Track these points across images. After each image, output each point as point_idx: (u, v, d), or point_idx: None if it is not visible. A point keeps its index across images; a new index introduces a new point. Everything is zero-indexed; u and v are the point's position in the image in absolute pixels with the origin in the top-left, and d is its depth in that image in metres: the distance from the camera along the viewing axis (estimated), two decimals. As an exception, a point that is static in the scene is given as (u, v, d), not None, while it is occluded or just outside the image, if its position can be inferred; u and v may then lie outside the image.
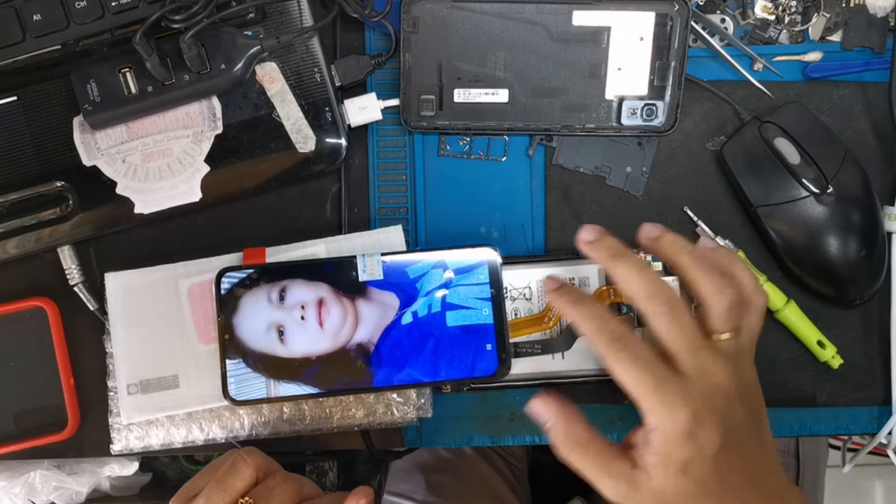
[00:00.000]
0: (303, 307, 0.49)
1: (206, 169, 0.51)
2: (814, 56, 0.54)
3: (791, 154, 0.51)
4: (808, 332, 0.53)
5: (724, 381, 0.41)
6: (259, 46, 0.50)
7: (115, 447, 0.51)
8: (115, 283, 0.51)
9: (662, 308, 0.41)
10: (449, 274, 0.50)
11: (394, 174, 0.54)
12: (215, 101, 0.51)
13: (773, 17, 0.54)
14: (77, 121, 0.51)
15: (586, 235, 0.44)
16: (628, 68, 0.52)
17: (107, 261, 0.53)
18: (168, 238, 0.53)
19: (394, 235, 0.52)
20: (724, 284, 0.42)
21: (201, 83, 0.50)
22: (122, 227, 0.52)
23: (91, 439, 0.53)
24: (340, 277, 0.49)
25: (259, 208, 0.53)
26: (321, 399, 0.51)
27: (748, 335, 0.44)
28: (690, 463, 0.39)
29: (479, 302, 0.50)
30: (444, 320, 0.49)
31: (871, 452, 0.57)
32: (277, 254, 0.51)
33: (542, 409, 0.42)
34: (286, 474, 0.44)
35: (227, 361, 0.49)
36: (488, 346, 0.49)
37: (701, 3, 0.54)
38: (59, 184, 0.51)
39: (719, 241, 0.53)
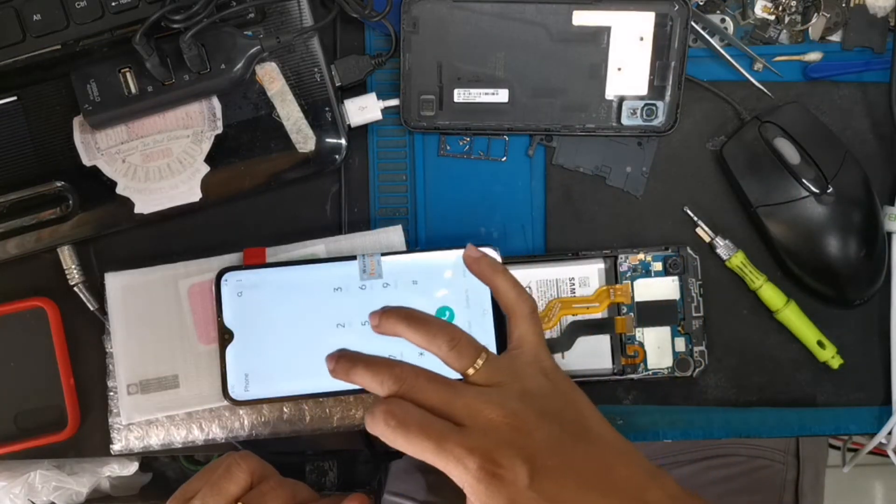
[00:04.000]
0: None
1: (206, 169, 0.51)
2: (814, 56, 0.54)
3: (791, 154, 0.51)
4: (808, 332, 0.53)
5: (496, 412, 0.39)
6: (259, 46, 0.50)
7: (115, 447, 0.51)
8: (115, 283, 0.51)
9: (395, 387, 0.40)
10: (449, 274, 0.50)
11: (394, 174, 0.54)
12: (215, 101, 0.51)
13: (773, 17, 0.54)
14: (77, 121, 0.51)
15: (328, 366, 0.43)
16: (628, 68, 0.52)
17: (107, 261, 0.53)
18: (168, 238, 0.53)
19: (394, 235, 0.52)
20: (432, 332, 0.42)
21: (201, 83, 0.50)
22: (122, 227, 0.52)
23: (91, 439, 0.53)
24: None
25: (259, 208, 0.53)
26: (321, 399, 0.51)
27: (524, 346, 0.44)
28: (514, 503, 0.38)
29: (479, 302, 0.50)
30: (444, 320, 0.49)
31: (871, 452, 0.57)
32: (277, 254, 0.51)
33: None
34: (281, 479, 0.44)
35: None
36: (488, 346, 0.49)
37: (701, 3, 0.54)
38: (59, 184, 0.51)
39: (719, 240, 0.53)
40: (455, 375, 0.42)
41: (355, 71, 0.53)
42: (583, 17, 0.52)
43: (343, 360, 0.42)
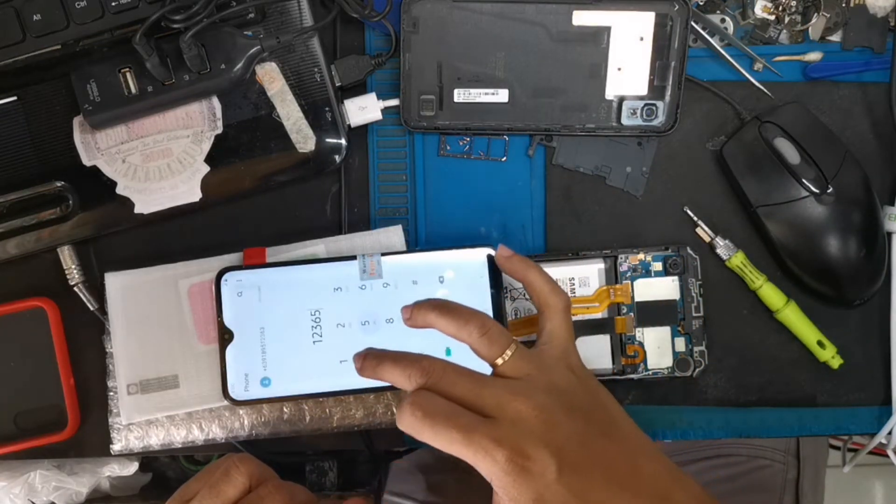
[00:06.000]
0: None
1: (206, 169, 0.51)
2: (814, 56, 0.54)
3: (791, 154, 0.51)
4: (808, 332, 0.53)
5: (526, 404, 0.39)
6: (259, 46, 0.50)
7: (115, 447, 0.51)
8: (115, 283, 0.51)
9: (423, 379, 0.40)
10: (449, 274, 0.50)
11: (394, 174, 0.54)
12: (215, 101, 0.51)
13: (773, 17, 0.54)
14: (77, 121, 0.51)
15: (355, 364, 0.43)
16: (628, 68, 0.52)
17: (107, 261, 0.53)
18: (168, 238, 0.53)
19: (394, 235, 0.52)
20: (464, 319, 0.42)
21: (201, 83, 0.50)
22: (122, 227, 0.52)
23: (91, 439, 0.53)
24: None
25: (259, 208, 0.53)
26: (321, 399, 0.51)
27: (554, 341, 0.43)
28: (540, 496, 0.38)
29: (479, 303, 0.50)
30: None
31: (871, 452, 0.57)
32: (277, 254, 0.51)
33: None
34: (279, 482, 0.44)
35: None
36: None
37: (701, 3, 0.54)
38: (59, 184, 0.51)
39: (719, 240, 0.53)
40: (484, 368, 0.42)
41: (355, 71, 0.53)
42: (583, 17, 0.52)
43: (370, 357, 0.42)
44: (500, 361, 0.42)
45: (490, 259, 0.50)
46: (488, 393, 0.40)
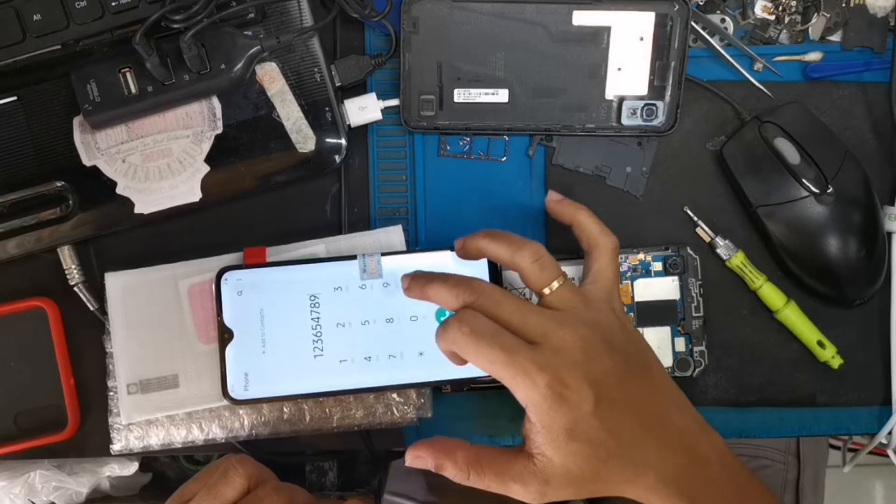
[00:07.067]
0: None
1: (206, 169, 0.51)
2: (814, 56, 0.54)
3: (791, 154, 0.51)
4: (808, 332, 0.53)
5: (570, 335, 0.40)
6: (259, 46, 0.50)
7: (115, 447, 0.51)
8: (115, 283, 0.51)
9: (472, 298, 0.41)
10: (449, 274, 0.50)
11: (394, 174, 0.54)
12: (215, 101, 0.51)
13: (773, 17, 0.54)
14: (77, 121, 0.51)
15: (403, 285, 0.44)
16: (628, 68, 0.52)
17: (107, 261, 0.53)
18: (168, 238, 0.53)
19: (394, 235, 0.52)
20: (517, 244, 0.42)
21: (201, 83, 0.50)
22: (122, 227, 0.52)
23: (91, 439, 0.53)
24: None
25: (259, 208, 0.53)
26: (321, 399, 0.51)
27: (601, 280, 0.44)
28: (574, 426, 0.38)
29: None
30: (444, 320, 0.49)
31: (871, 452, 0.57)
32: (277, 254, 0.51)
33: (419, 461, 0.42)
34: (278, 483, 0.44)
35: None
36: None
37: (701, 3, 0.54)
38: (59, 184, 0.51)
39: (719, 240, 0.53)
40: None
41: (355, 71, 0.53)
42: (583, 17, 0.52)
43: (418, 277, 0.43)
44: (547, 291, 0.42)
45: (490, 260, 0.50)
46: (533, 319, 0.40)
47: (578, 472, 0.39)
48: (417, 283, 0.43)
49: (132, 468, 0.61)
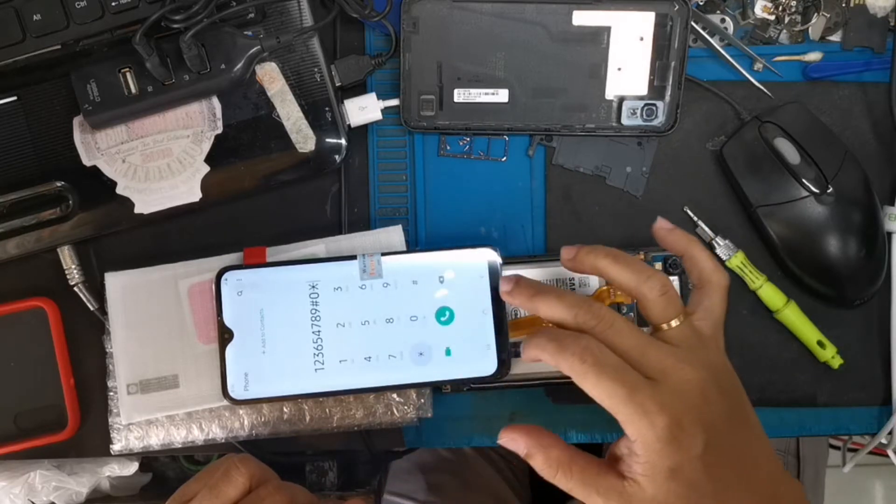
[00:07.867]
0: None
1: (206, 169, 0.51)
2: (814, 56, 0.54)
3: (791, 154, 0.52)
4: (808, 332, 0.53)
5: (691, 375, 0.39)
6: (259, 46, 0.50)
7: (115, 447, 0.51)
8: (115, 283, 0.51)
9: (592, 322, 0.40)
10: (449, 274, 0.50)
11: (394, 174, 0.54)
12: (215, 101, 0.51)
13: (773, 17, 0.54)
14: (77, 121, 0.51)
15: (504, 287, 0.44)
16: (628, 68, 0.52)
17: (107, 261, 0.53)
18: (168, 238, 0.53)
19: (394, 235, 0.52)
20: (645, 273, 0.41)
21: (201, 83, 0.50)
22: (122, 227, 0.52)
23: (91, 439, 0.53)
24: None
25: (259, 208, 0.53)
26: (321, 399, 0.51)
27: (711, 318, 0.43)
28: (678, 467, 0.38)
29: (479, 302, 0.50)
30: (445, 320, 0.49)
31: (871, 452, 0.57)
32: (277, 254, 0.51)
33: (512, 443, 0.41)
34: (279, 483, 0.44)
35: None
36: (488, 346, 0.49)
37: (701, 3, 0.54)
38: (59, 184, 0.51)
39: (719, 241, 0.53)
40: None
41: (355, 71, 0.53)
42: (583, 17, 0.52)
43: (525, 285, 0.42)
44: (665, 327, 0.41)
45: (490, 260, 0.50)
46: (653, 355, 0.39)
47: None
48: (524, 291, 0.42)
49: (132, 468, 0.61)
